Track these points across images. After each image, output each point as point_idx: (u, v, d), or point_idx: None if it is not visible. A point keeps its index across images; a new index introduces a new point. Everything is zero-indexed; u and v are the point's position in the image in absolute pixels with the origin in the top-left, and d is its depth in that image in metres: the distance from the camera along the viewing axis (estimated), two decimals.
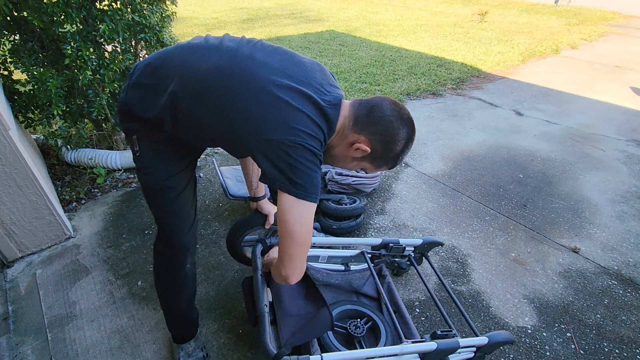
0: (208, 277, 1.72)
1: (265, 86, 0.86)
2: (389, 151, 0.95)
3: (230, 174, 2.01)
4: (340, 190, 2.11)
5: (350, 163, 1.02)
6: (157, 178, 1.07)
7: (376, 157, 0.97)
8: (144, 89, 0.96)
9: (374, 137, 0.93)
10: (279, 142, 0.83)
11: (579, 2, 9.69)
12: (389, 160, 0.98)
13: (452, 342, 1.11)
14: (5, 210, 1.63)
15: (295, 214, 0.89)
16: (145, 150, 1.04)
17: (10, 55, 2.03)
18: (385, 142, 0.94)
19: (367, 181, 2.17)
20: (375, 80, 4.15)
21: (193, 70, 0.90)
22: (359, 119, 0.93)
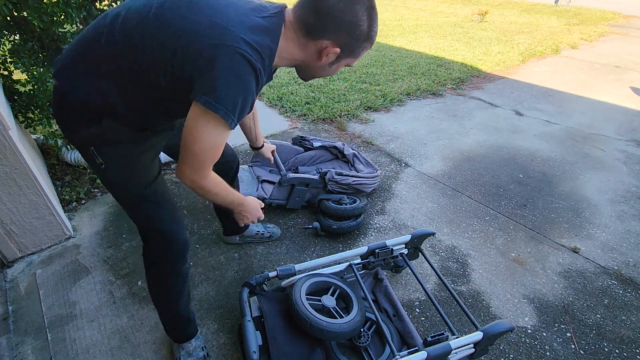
0: (208, 277, 1.72)
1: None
2: (358, 36, 0.87)
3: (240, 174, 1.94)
4: (340, 190, 2.11)
5: (330, 69, 0.96)
6: (137, 187, 1.01)
7: (350, 49, 0.90)
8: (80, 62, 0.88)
9: (336, 35, 0.85)
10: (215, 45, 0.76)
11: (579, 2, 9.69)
12: (364, 42, 0.90)
13: (442, 347, 1.11)
14: (5, 210, 1.63)
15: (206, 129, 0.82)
16: (112, 161, 0.95)
17: (10, 55, 2.03)
18: (350, 31, 0.85)
19: (367, 181, 2.17)
20: (375, 80, 4.15)
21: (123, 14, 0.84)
22: (309, 24, 0.85)
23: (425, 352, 1.09)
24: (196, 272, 1.74)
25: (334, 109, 3.38)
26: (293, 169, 2.29)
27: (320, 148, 2.44)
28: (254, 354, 1.13)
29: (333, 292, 1.34)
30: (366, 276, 1.57)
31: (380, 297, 1.49)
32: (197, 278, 1.71)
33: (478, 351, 1.21)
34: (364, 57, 5.00)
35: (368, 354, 1.23)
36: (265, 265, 1.78)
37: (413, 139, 3.02)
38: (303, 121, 3.26)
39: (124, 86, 0.87)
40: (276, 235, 1.92)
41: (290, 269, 1.42)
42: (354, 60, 0.96)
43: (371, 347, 1.25)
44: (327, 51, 0.88)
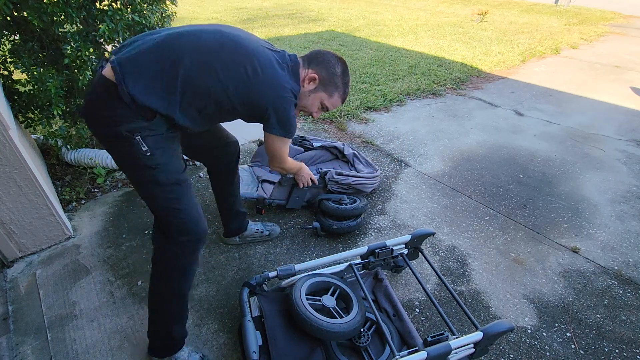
0: (208, 277, 1.72)
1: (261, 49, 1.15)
2: (332, 74, 1.27)
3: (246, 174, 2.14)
4: (341, 190, 2.11)
5: (309, 98, 1.29)
6: (172, 173, 1.13)
7: (325, 83, 1.27)
8: (151, 75, 1.02)
9: (319, 67, 1.26)
10: (278, 98, 1.16)
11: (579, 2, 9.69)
12: (337, 84, 1.30)
13: (442, 347, 1.11)
14: (5, 210, 1.63)
15: (282, 146, 1.33)
16: (155, 147, 1.07)
17: (10, 55, 2.03)
18: (327, 68, 1.27)
19: (367, 181, 2.17)
20: (375, 80, 4.15)
21: (202, 49, 1.06)
22: (307, 59, 1.28)
23: (425, 352, 1.09)
24: (196, 272, 1.74)
25: (333, 109, 3.38)
26: None
27: (321, 148, 2.44)
28: (254, 354, 1.13)
29: (333, 292, 1.34)
30: (366, 276, 1.57)
31: (380, 297, 1.49)
32: (197, 278, 1.71)
33: (478, 351, 1.21)
34: (364, 57, 5.01)
35: (368, 354, 1.23)
36: (265, 265, 1.78)
37: (413, 139, 3.02)
38: (303, 121, 3.26)
39: (191, 105, 1.08)
40: (275, 233, 1.92)
41: (290, 269, 1.42)
42: (328, 100, 1.32)
43: (371, 347, 1.25)
44: (310, 77, 1.25)
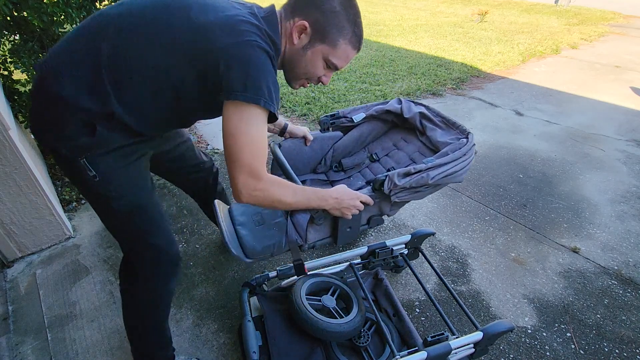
0: (208, 277, 1.72)
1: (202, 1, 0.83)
2: (327, 11, 0.86)
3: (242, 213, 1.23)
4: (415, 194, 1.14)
5: (306, 56, 0.92)
6: (132, 198, 0.95)
7: (322, 30, 0.88)
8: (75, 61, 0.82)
9: (306, 10, 0.87)
10: (235, 43, 0.78)
11: (579, 2, 9.69)
12: (339, 24, 0.88)
13: (442, 347, 1.11)
14: (5, 210, 1.63)
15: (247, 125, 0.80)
16: (106, 171, 0.88)
17: (10, 55, 2.03)
18: (318, 6, 0.86)
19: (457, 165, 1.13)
20: (375, 80, 4.15)
21: (125, 16, 0.83)
22: (287, 8, 0.91)
23: (425, 352, 1.09)
24: (196, 272, 1.74)
25: (333, 109, 3.38)
26: (335, 166, 1.49)
27: (367, 120, 1.50)
28: (254, 354, 1.13)
29: (333, 292, 1.34)
30: (366, 276, 1.57)
31: (380, 297, 1.49)
32: (197, 278, 1.71)
33: (478, 351, 1.21)
34: (363, 57, 5.01)
35: (368, 354, 1.23)
36: (265, 265, 1.78)
37: None
38: (303, 121, 3.26)
39: (131, 90, 0.84)
40: None
41: (290, 269, 1.42)
42: (333, 53, 0.91)
43: (371, 347, 1.25)
44: (298, 25, 0.88)
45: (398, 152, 1.44)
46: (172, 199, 2.24)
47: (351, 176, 1.45)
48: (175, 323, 1.50)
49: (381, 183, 1.06)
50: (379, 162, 1.46)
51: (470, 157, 1.18)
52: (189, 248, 1.88)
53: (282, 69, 0.98)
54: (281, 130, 1.39)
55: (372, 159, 1.47)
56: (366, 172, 1.45)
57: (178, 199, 2.23)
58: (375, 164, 1.46)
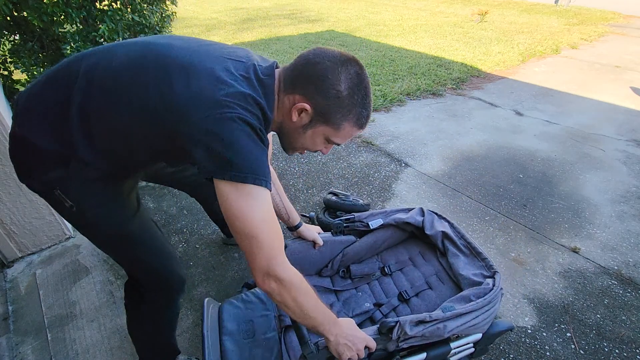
0: (208, 277, 1.72)
1: (185, 63, 0.74)
2: (333, 97, 0.77)
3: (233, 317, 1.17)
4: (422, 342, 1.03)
5: (306, 134, 0.84)
6: (112, 226, 0.90)
7: (325, 113, 0.79)
8: (44, 106, 0.77)
9: (309, 89, 0.78)
10: (209, 119, 0.69)
11: (579, 2, 9.68)
12: (343, 109, 0.79)
13: (442, 347, 1.10)
14: (5, 210, 1.63)
15: (247, 204, 0.71)
16: (83, 201, 0.84)
17: (10, 55, 2.03)
18: (323, 88, 0.76)
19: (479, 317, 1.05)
20: (375, 80, 4.15)
21: (98, 67, 0.77)
22: (287, 79, 0.80)
23: (424, 353, 1.08)
24: (196, 272, 1.74)
25: None
26: (343, 271, 1.38)
27: (385, 228, 1.40)
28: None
29: None
30: None
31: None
32: (197, 278, 1.71)
33: (478, 351, 1.21)
34: (364, 57, 5.01)
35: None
36: None
37: (413, 139, 3.02)
38: None
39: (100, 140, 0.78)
40: None
41: None
42: (336, 134, 0.83)
43: None
44: (297, 107, 0.79)
45: (413, 270, 1.33)
46: (172, 199, 2.24)
47: (358, 288, 1.32)
48: None
49: (390, 329, 0.93)
50: (390, 276, 1.34)
51: (497, 304, 1.07)
52: (189, 248, 1.88)
53: (278, 135, 0.92)
54: (293, 227, 1.30)
55: (383, 272, 1.35)
56: (375, 287, 1.31)
57: (178, 199, 2.23)
58: (387, 279, 1.33)
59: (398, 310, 1.22)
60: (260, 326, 1.14)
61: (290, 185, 2.39)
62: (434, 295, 1.22)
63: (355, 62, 0.80)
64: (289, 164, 2.63)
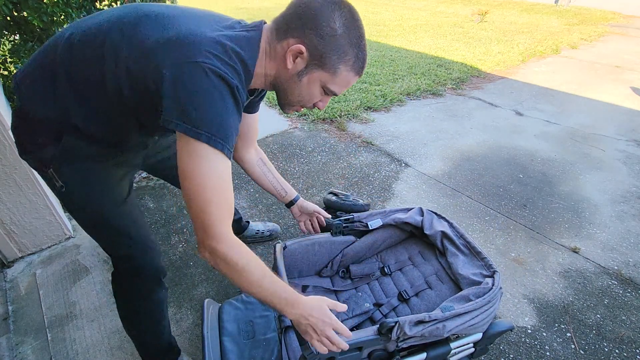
0: (208, 277, 1.72)
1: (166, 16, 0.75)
2: (328, 36, 0.74)
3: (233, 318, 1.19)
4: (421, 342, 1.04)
5: (301, 82, 0.81)
6: (103, 211, 0.91)
7: (320, 55, 0.76)
8: (37, 73, 0.81)
9: (301, 30, 0.75)
10: (181, 63, 0.67)
11: (579, 2, 9.69)
12: (339, 51, 0.76)
13: (442, 347, 1.10)
14: (5, 210, 1.63)
15: (195, 164, 0.68)
16: (73, 182, 0.86)
17: (10, 55, 2.03)
18: (316, 26, 0.73)
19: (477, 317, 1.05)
20: (375, 80, 4.15)
21: (80, 28, 0.79)
22: (279, 26, 0.78)
23: (424, 353, 1.08)
24: (196, 272, 1.74)
25: (334, 109, 3.38)
26: (342, 272, 1.39)
27: (384, 228, 1.40)
28: None
29: None
30: None
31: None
32: (197, 278, 1.71)
33: (478, 351, 1.21)
34: None
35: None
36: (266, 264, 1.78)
37: (413, 139, 3.02)
38: (303, 121, 3.26)
39: (88, 100, 0.80)
40: (276, 233, 1.91)
41: None
42: (332, 80, 0.81)
43: None
44: (292, 49, 0.76)
45: (413, 270, 1.33)
46: (172, 199, 2.24)
47: (358, 288, 1.33)
48: (175, 323, 1.50)
49: (389, 329, 0.92)
50: (390, 276, 1.35)
51: (496, 303, 1.07)
52: (189, 248, 1.88)
53: (275, 92, 0.90)
54: (290, 202, 1.29)
55: (383, 272, 1.36)
56: (375, 287, 1.32)
57: (178, 199, 2.23)
58: (387, 279, 1.34)
59: (398, 310, 1.22)
60: (260, 327, 1.13)
61: (290, 185, 2.38)
62: (433, 295, 1.23)
63: (347, 2, 0.77)
64: (289, 164, 2.63)
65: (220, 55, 0.70)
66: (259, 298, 0.79)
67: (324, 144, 2.89)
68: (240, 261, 0.74)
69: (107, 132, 0.85)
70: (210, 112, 0.68)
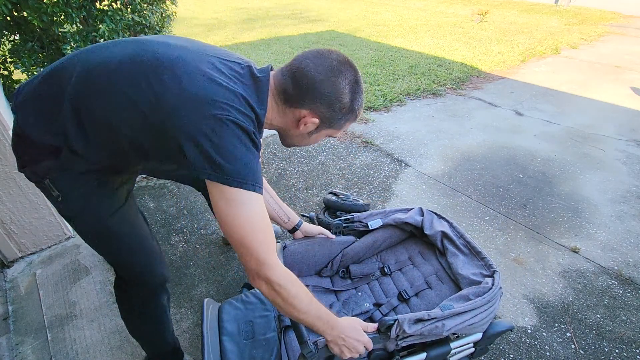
0: (208, 277, 1.72)
1: (180, 63, 0.75)
2: (339, 109, 0.84)
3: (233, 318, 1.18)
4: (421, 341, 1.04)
5: (310, 138, 0.92)
6: (98, 219, 0.91)
7: (330, 121, 0.86)
8: (40, 101, 0.80)
9: (315, 105, 0.82)
10: (201, 118, 0.71)
11: (579, 2, 9.69)
12: (346, 115, 0.87)
13: (442, 347, 1.10)
14: (5, 210, 1.63)
15: (234, 209, 0.73)
16: (69, 191, 0.86)
17: (10, 55, 2.03)
18: (330, 103, 0.82)
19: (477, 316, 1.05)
20: (375, 80, 4.15)
21: (92, 64, 0.78)
22: (288, 93, 0.82)
23: (424, 353, 1.08)
24: (196, 272, 1.74)
25: None
26: (342, 272, 1.39)
27: (384, 228, 1.41)
28: None
29: None
30: None
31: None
32: (197, 278, 1.71)
33: (478, 350, 1.21)
34: (364, 57, 5.01)
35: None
36: None
37: (413, 139, 3.02)
38: None
39: (92, 134, 0.79)
40: (277, 234, 1.91)
41: None
42: (337, 132, 0.92)
43: None
44: (305, 121, 0.84)
45: (413, 270, 1.33)
46: (172, 199, 2.24)
47: (357, 288, 1.33)
48: (175, 323, 1.50)
49: (388, 327, 0.95)
50: (390, 276, 1.35)
51: (495, 303, 1.07)
52: (189, 248, 1.88)
53: (279, 133, 0.95)
54: (293, 228, 1.29)
55: (383, 272, 1.36)
56: (375, 287, 1.32)
57: (178, 199, 2.23)
58: (386, 279, 1.34)
59: (398, 310, 1.22)
60: (260, 327, 1.14)
61: (290, 185, 2.39)
62: (433, 294, 1.23)
63: (349, 65, 0.83)
64: (289, 164, 2.63)
65: (236, 105, 0.74)
66: (303, 321, 0.84)
67: (324, 144, 2.89)
68: (292, 289, 0.79)
69: (109, 162, 0.87)
70: (238, 160, 0.72)
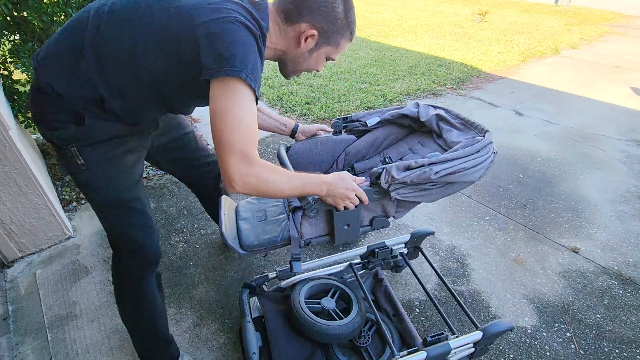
0: (208, 277, 1.72)
1: None
2: (334, 19, 0.91)
3: (248, 209, 1.30)
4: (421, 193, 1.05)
5: (311, 57, 0.98)
6: (115, 192, 0.99)
7: (328, 35, 0.93)
8: (62, 55, 0.86)
9: (312, 17, 0.90)
10: (210, 21, 0.77)
11: (579, 2, 9.69)
12: (342, 29, 0.94)
13: (442, 347, 1.11)
14: (5, 210, 1.63)
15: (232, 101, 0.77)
16: (93, 161, 0.93)
17: (10, 55, 2.03)
18: (326, 13, 0.90)
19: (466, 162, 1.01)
20: (375, 80, 4.15)
21: (107, 8, 0.85)
22: (287, 10, 0.91)
23: (424, 352, 1.09)
24: (196, 272, 1.74)
25: (334, 109, 3.38)
26: (348, 170, 1.43)
27: (382, 125, 1.43)
28: (254, 355, 1.13)
29: (333, 293, 1.34)
30: (366, 276, 1.57)
31: (381, 297, 1.49)
32: (197, 278, 1.71)
33: (478, 350, 1.21)
34: (364, 56, 5.01)
35: (368, 354, 1.23)
36: (265, 265, 1.78)
37: None
38: (303, 121, 3.26)
39: (113, 75, 0.85)
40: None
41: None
42: (335, 52, 0.99)
43: (371, 347, 1.25)
44: (305, 34, 0.91)
45: (413, 156, 1.36)
46: (172, 199, 2.24)
47: (365, 170, 1.41)
48: (175, 323, 1.50)
49: (378, 176, 0.97)
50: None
51: (486, 155, 1.05)
52: (189, 248, 1.88)
53: (278, 63, 1.03)
54: (292, 132, 1.36)
55: (384, 162, 1.38)
56: None
57: (178, 199, 2.23)
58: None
59: None
60: (272, 212, 1.25)
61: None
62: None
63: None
64: None
65: (244, 14, 0.81)
66: (295, 196, 0.95)
67: None
68: (273, 174, 0.85)
69: (128, 109, 0.92)
70: (246, 55, 0.77)
